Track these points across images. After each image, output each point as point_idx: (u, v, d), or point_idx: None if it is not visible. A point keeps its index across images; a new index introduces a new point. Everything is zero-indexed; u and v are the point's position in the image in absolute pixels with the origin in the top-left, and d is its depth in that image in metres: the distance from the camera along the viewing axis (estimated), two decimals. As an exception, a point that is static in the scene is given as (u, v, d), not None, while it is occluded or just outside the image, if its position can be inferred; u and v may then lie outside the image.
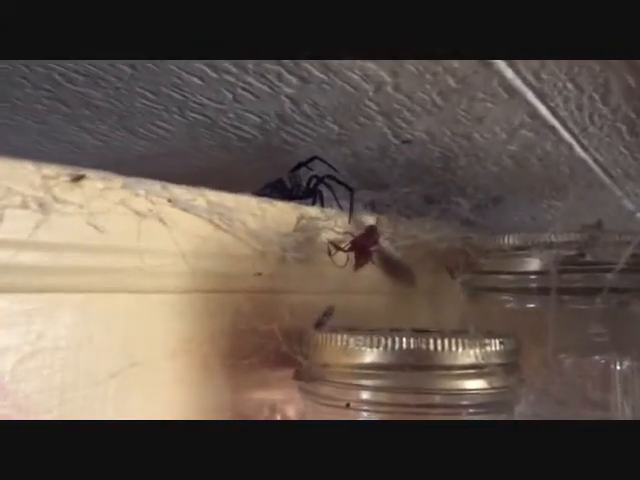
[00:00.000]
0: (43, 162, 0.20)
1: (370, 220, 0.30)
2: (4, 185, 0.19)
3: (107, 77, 0.31)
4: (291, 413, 0.28)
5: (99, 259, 0.21)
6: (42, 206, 0.20)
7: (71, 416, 0.21)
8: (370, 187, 0.35)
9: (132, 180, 0.22)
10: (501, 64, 0.26)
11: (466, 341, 0.22)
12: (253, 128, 0.35)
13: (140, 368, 0.22)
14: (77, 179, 0.21)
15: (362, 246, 0.29)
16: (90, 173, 0.21)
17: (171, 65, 0.29)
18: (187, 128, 0.36)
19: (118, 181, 0.22)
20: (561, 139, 0.32)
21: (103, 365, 0.22)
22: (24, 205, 0.19)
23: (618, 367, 0.28)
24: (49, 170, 0.20)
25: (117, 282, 0.22)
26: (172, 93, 0.32)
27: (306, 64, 0.27)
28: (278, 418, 0.28)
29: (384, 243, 0.29)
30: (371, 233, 0.28)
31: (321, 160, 0.34)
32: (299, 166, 0.34)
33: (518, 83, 0.27)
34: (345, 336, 0.23)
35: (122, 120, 0.37)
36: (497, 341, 0.22)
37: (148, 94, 0.33)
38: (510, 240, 0.28)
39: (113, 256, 0.22)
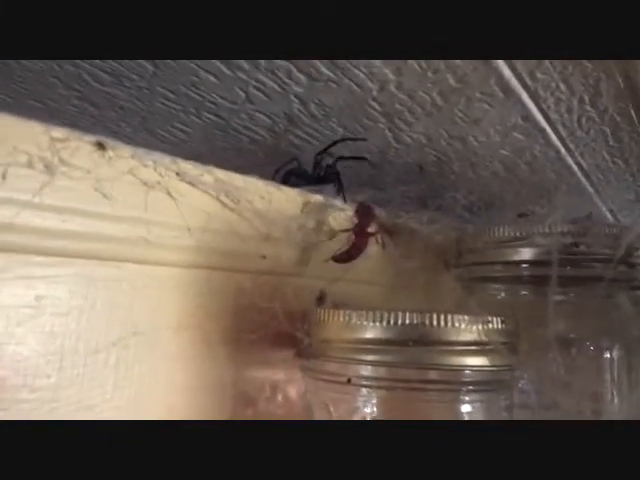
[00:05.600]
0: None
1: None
2: (10, 143, 0.16)
3: (131, 76, 0.28)
4: (292, 392, 0.24)
5: (104, 226, 0.18)
6: (48, 167, 0.17)
7: (70, 382, 0.17)
8: (369, 186, 0.32)
9: (141, 151, 0.19)
10: (499, 62, 0.23)
11: (468, 318, 0.18)
12: (263, 129, 0.32)
13: (142, 338, 0.19)
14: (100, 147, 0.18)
15: (361, 229, 0.25)
16: (101, 140, 0.18)
17: (190, 63, 0.26)
18: (203, 130, 0.34)
19: (127, 150, 0.18)
20: (549, 143, 0.29)
21: (105, 332, 0.18)
22: (30, 165, 0.16)
23: (608, 355, 0.25)
24: (58, 133, 0.17)
25: (122, 251, 0.19)
26: (190, 92, 0.29)
27: (315, 61, 0.25)
28: (279, 397, 0.24)
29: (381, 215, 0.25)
30: (364, 212, 0.25)
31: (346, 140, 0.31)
32: (326, 149, 0.31)
33: (514, 82, 0.24)
34: (348, 311, 0.19)
35: (145, 122, 0.34)
36: (499, 319, 0.19)
37: (168, 93, 0.30)
38: (506, 231, 0.25)
39: (119, 225, 0.18)
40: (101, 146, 0.18)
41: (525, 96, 0.26)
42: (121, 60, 0.27)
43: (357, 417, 0.19)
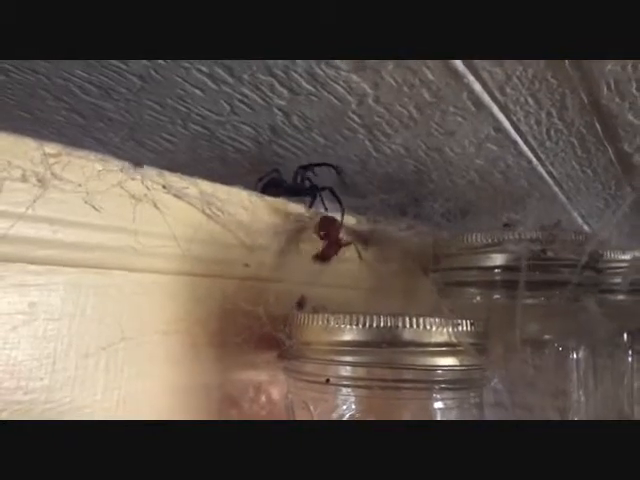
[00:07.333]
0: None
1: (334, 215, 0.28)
2: (4, 158, 0.17)
3: (119, 89, 0.29)
4: (275, 393, 0.25)
5: (94, 236, 0.19)
6: (41, 181, 0.18)
7: (62, 384, 0.18)
8: (349, 195, 0.34)
9: (129, 164, 0.20)
10: (471, 77, 0.25)
11: (439, 320, 0.20)
12: (248, 140, 0.33)
13: (130, 342, 0.20)
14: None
15: (328, 239, 0.27)
16: (89, 155, 0.19)
17: (176, 77, 0.27)
18: (189, 140, 0.35)
19: (116, 164, 0.20)
20: (521, 153, 0.31)
21: (95, 337, 0.19)
22: (24, 179, 0.17)
23: (574, 356, 0.26)
24: (50, 148, 0.18)
25: (111, 259, 0.20)
26: (177, 105, 0.30)
27: (296, 76, 0.26)
28: (263, 397, 0.26)
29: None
30: (327, 224, 0.26)
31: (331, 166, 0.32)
32: (311, 165, 0.32)
33: (485, 97, 0.26)
34: (326, 315, 0.20)
35: (132, 133, 0.35)
36: (468, 322, 0.20)
37: (155, 106, 0.31)
38: (479, 238, 0.27)
39: (108, 234, 0.20)
40: (90, 160, 0.19)
41: (496, 109, 0.27)
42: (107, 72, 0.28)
43: (336, 415, 0.20)
